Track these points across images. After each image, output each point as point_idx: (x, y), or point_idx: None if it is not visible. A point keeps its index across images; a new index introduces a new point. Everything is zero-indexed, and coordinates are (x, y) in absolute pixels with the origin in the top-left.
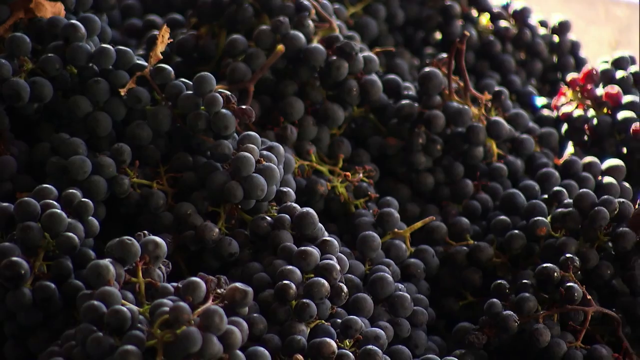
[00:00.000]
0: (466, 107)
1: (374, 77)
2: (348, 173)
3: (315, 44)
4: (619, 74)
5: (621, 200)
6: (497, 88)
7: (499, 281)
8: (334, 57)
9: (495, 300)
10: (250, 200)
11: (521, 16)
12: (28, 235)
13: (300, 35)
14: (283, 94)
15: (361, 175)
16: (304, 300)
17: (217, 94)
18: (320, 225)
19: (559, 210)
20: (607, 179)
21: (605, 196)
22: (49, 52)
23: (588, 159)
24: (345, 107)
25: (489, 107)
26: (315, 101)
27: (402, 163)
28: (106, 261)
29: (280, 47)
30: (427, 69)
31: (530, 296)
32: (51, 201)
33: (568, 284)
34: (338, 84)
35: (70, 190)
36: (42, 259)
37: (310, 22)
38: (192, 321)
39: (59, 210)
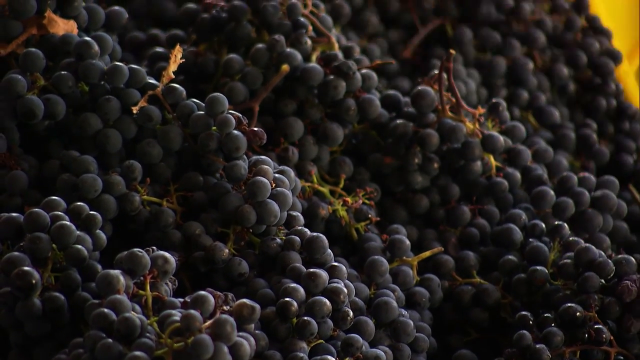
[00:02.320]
0: (460, 123)
1: (372, 95)
2: (348, 199)
3: (312, 63)
4: None
5: (621, 257)
6: (494, 100)
7: (523, 312)
8: (332, 77)
9: (525, 332)
10: (263, 225)
11: None
12: (37, 246)
13: (297, 53)
14: (282, 113)
15: (361, 198)
16: (305, 318)
17: (229, 115)
18: (329, 250)
19: (561, 262)
20: (601, 193)
21: (602, 258)
22: (62, 69)
23: (582, 174)
24: (345, 125)
25: (485, 120)
26: (314, 119)
27: (399, 182)
28: (116, 271)
29: (285, 67)
30: (419, 87)
31: (557, 330)
32: (60, 213)
33: (596, 326)
34: (336, 103)
35: (79, 203)
36: (50, 270)
37: (308, 40)
38: (203, 330)
39: (68, 222)
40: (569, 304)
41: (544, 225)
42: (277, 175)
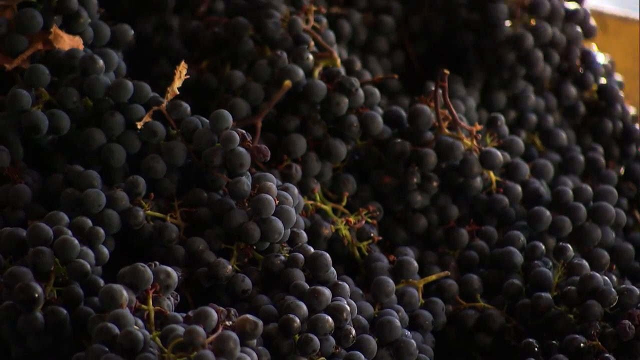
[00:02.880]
0: (457, 140)
1: (374, 112)
2: (350, 219)
3: (315, 79)
4: None
5: (624, 288)
6: (492, 114)
7: (529, 340)
8: (334, 93)
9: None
10: (266, 242)
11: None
12: (40, 259)
13: (298, 69)
14: (285, 129)
15: (364, 218)
16: (307, 335)
17: (234, 132)
18: (332, 268)
19: (565, 289)
20: (598, 204)
21: (605, 287)
22: (66, 84)
23: (577, 186)
24: (348, 141)
25: (483, 136)
26: (317, 136)
27: (398, 202)
28: (119, 285)
29: (288, 82)
30: (415, 106)
31: (563, 357)
32: (63, 227)
33: (605, 355)
34: (338, 119)
35: (82, 217)
36: (52, 284)
37: (309, 55)
38: (206, 345)
39: (71, 237)
40: (573, 335)
41: (543, 247)
42: (280, 192)
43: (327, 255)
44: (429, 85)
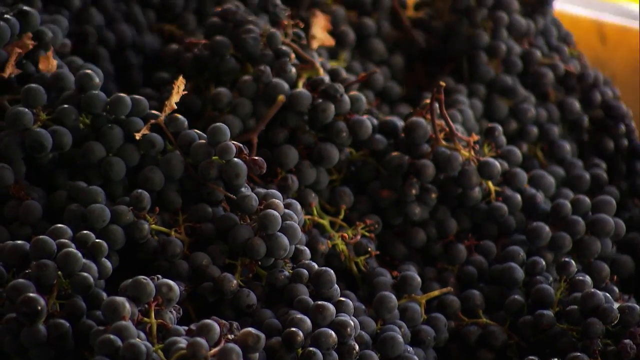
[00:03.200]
0: (455, 152)
1: (362, 117)
2: (346, 234)
3: (299, 89)
4: None
5: (625, 306)
6: (490, 124)
7: (531, 357)
8: (320, 100)
9: None
10: (272, 258)
11: None
12: (43, 272)
13: (282, 82)
14: (275, 142)
15: (359, 233)
16: (310, 349)
17: (231, 143)
18: (336, 285)
19: (568, 308)
20: (597, 217)
21: (607, 305)
22: (63, 102)
23: (575, 197)
24: (340, 148)
25: (480, 147)
26: (308, 144)
27: (397, 214)
28: (122, 298)
29: (281, 97)
30: (411, 119)
31: None
32: (67, 241)
33: None
34: (327, 127)
35: (85, 231)
36: (55, 297)
37: (292, 67)
38: (209, 358)
39: (74, 250)
40: (575, 353)
41: (544, 263)
42: (286, 210)
43: (332, 271)
44: (425, 96)
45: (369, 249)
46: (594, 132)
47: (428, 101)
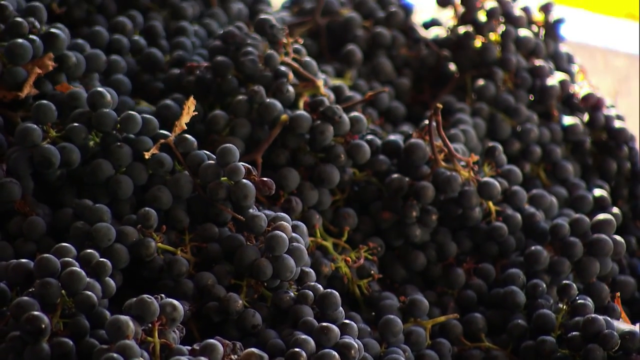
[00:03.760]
0: (454, 173)
1: (361, 141)
2: (349, 258)
3: (300, 110)
4: None
5: (627, 332)
6: (490, 144)
7: None
8: (318, 122)
9: None
10: (278, 279)
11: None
12: (47, 291)
13: (276, 103)
14: (276, 163)
15: (362, 256)
16: None
17: (240, 164)
18: (341, 308)
19: (569, 335)
20: (596, 238)
21: (608, 331)
22: (73, 120)
23: (574, 217)
24: (341, 169)
25: (479, 167)
26: (309, 165)
27: (398, 236)
28: (126, 317)
29: (285, 116)
30: (410, 141)
31: None
32: (71, 259)
33: None
34: (326, 149)
35: (89, 250)
36: (59, 316)
37: (290, 88)
38: None
39: (78, 269)
40: None
41: (544, 285)
42: (293, 233)
43: (337, 294)
44: (426, 117)
45: (372, 272)
46: (597, 154)
47: (427, 122)
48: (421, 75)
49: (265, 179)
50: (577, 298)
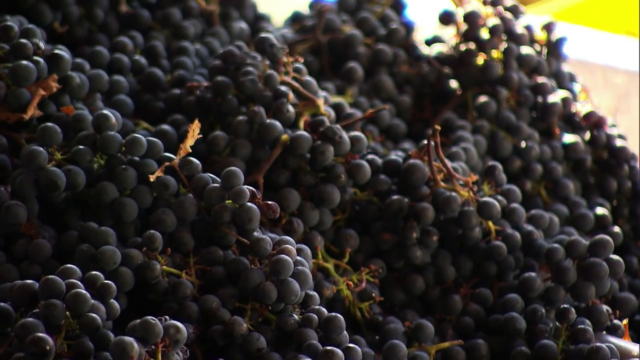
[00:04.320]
0: (454, 193)
1: (361, 161)
2: (350, 282)
3: (300, 131)
4: None
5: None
6: (490, 163)
7: None
8: (319, 142)
9: None
10: (282, 303)
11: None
12: (52, 312)
13: (277, 123)
14: (276, 183)
15: (364, 279)
16: None
17: (244, 188)
18: (345, 332)
19: None
20: (590, 262)
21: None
22: (78, 142)
23: (570, 239)
24: (342, 189)
25: (479, 187)
26: (309, 185)
27: (399, 258)
28: (130, 338)
29: (285, 137)
30: (409, 162)
31: None
32: (76, 281)
33: None
34: (326, 169)
35: (94, 272)
36: (63, 338)
37: (290, 108)
38: None
39: (83, 291)
40: None
41: (543, 310)
42: (298, 257)
43: (341, 317)
44: (425, 135)
45: (373, 295)
46: (598, 172)
47: (426, 142)
48: (422, 93)
49: (269, 202)
50: (576, 322)
